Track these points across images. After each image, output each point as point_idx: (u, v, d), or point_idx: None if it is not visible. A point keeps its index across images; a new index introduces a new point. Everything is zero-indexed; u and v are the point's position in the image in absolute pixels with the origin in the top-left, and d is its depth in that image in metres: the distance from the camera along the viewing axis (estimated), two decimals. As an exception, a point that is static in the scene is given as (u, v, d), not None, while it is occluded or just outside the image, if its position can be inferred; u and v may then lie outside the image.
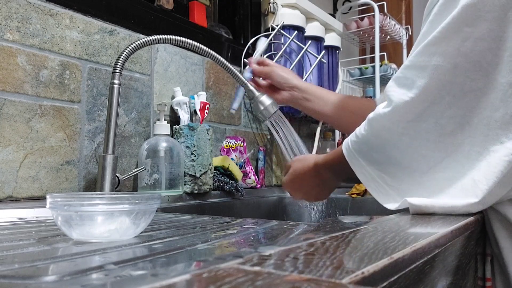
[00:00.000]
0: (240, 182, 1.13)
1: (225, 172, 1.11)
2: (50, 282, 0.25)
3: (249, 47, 1.35)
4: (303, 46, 1.41)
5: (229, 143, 1.23)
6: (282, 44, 1.38)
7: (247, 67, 1.03)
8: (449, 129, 0.53)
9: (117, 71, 0.78)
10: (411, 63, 0.56)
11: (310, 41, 1.43)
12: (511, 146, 0.50)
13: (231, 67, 0.91)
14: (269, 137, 1.45)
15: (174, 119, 1.06)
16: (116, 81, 0.78)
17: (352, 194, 1.20)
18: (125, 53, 0.78)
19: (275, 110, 0.93)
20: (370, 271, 0.24)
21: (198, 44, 0.88)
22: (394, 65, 1.93)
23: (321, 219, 1.21)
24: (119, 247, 0.37)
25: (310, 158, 0.78)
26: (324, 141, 1.68)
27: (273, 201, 1.26)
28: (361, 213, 1.17)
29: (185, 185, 0.97)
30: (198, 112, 1.05)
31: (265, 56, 1.37)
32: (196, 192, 0.98)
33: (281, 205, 1.27)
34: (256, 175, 1.31)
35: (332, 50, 1.69)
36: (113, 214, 0.39)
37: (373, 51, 1.87)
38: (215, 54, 0.90)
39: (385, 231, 0.39)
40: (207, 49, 0.89)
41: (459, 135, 0.53)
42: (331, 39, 1.67)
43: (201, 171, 0.98)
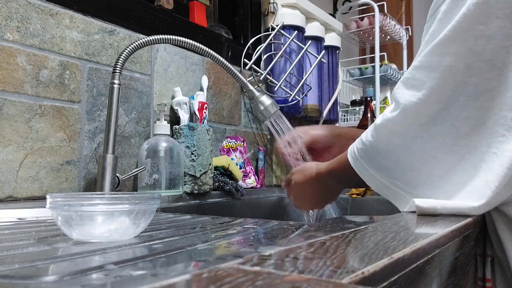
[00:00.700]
0: (240, 182, 1.14)
1: (225, 172, 1.11)
2: (50, 282, 0.25)
3: (249, 47, 1.35)
4: (303, 46, 1.41)
5: (229, 143, 1.23)
6: (282, 44, 1.38)
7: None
8: (464, 131, 0.52)
9: (117, 71, 0.78)
10: (421, 64, 0.54)
11: (310, 41, 1.43)
12: None
13: (231, 67, 0.91)
14: (269, 137, 1.45)
15: (174, 119, 1.06)
16: (116, 81, 0.78)
17: (352, 194, 1.20)
18: (125, 53, 0.78)
19: (275, 110, 0.93)
20: (370, 271, 0.24)
21: (198, 44, 0.88)
22: (394, 65, 1.94)
23: (321, 219, 1.21)
24: (119, 247, 0.37)
25: (310, 167, 0.76)
26: (324, 141, 1.68)
27: (273, 201, 1.26)
28: (361, 213, 1.17)
29: (185, 185, 0.97)
30: (196, 112, 1.05)
31: (265, 56, 1.37)
32: (196, 192, 0.98)
33: (281, 205, 1.27)
34: (256, 175, 1.31)
35: (332, 50, 1.69)
36: (113, 214, 0.39)
37: (373, 51, 1.87)
38: (215, 54, 0.90)
39: (385, 231, 0.38)
40: (207, 49, 0.89)
41: (475, 136, 0.51)
42: (331, 39, 1.67)
43: (201, 171, 0.98)
